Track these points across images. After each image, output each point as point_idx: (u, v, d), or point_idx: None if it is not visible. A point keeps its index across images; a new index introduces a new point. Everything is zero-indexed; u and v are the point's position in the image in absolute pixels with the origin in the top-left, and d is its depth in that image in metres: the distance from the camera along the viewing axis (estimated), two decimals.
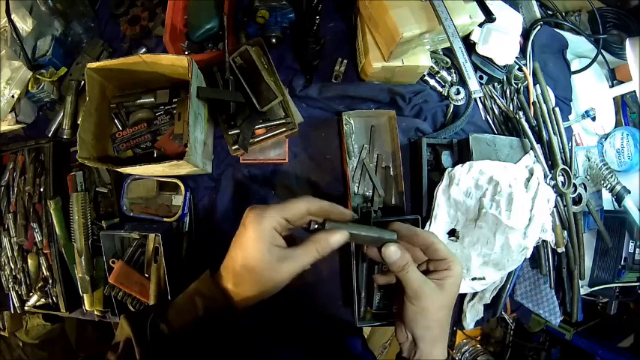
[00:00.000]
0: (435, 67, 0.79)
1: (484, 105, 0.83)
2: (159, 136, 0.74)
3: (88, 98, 0.68)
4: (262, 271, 0.44)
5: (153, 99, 0.75)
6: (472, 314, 0.78)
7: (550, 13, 0.91)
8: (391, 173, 0.77)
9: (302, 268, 0.46)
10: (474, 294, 0.78)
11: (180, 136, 0.70)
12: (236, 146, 0.71)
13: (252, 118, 0.70)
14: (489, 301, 0.79)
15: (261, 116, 0.71)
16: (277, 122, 0.73)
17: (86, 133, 0.67)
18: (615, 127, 0.90)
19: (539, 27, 0.85)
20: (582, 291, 0.82)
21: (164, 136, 0.73)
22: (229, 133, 0.72)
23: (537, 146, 0.74)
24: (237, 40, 0.79)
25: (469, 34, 0.76)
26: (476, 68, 0.78)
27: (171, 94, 0.75)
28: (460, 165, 0.69)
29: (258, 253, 0.44)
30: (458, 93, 0.80)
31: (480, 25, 0.73)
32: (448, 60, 0.80)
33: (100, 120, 0.72)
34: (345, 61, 0.79)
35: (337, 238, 0.45)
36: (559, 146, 0.76)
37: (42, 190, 0.80)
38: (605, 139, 0.89)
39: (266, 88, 0.68)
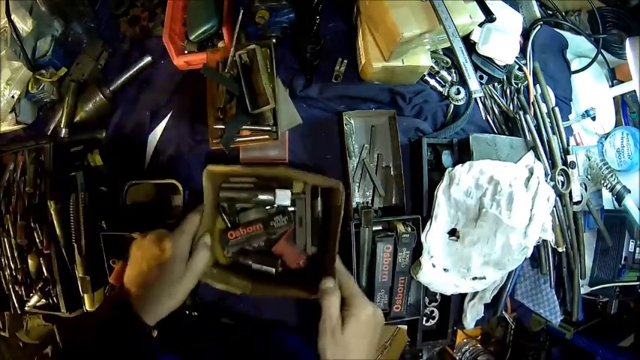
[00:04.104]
0: (435, 67, 0.79)
1: (484, 105, 0.83)
2: (272, 235, 0.70)
3: (205, 202, 0.65)
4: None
5: (272, 197, 0.69)
6: (472, 314, 0.79)
7: (550, 12, 0.91)
8: (391, 173, 0.77)
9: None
10: (475, 293, 0.78)
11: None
12: (217, 140, 0.68)
13: (241, 118, 0.68)
14: (490, 301, 0.79)
15: (250, 118, 0.69)
16: (264, 128, 0.70)
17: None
18: (615, 127, 0.90)
19: (539, 27, 0.85)
20: (582, 290, 0.82)
21: (281, 240, 0.70)
22: (214, 126, 0.69)
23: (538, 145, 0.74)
24: (237, 40, 0.79)
25: (469, 33, 0.76)
26: (476, 68, 0.78)
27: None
28: (460, 165, 0.69)
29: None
30: (458, 93, 0.80)
31: (480, 25, 0.73)
32: (448, 60, 0.80)
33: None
34: (345, 61, 0.79)
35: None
36: (559, 146, 0.76)
37: (42, 190, 0.80)
38: (605, 138, 0.88)
39: (262, 92, 0.66)
